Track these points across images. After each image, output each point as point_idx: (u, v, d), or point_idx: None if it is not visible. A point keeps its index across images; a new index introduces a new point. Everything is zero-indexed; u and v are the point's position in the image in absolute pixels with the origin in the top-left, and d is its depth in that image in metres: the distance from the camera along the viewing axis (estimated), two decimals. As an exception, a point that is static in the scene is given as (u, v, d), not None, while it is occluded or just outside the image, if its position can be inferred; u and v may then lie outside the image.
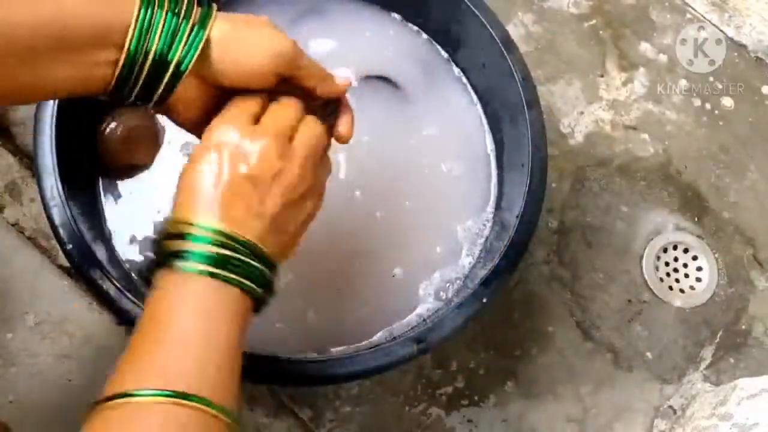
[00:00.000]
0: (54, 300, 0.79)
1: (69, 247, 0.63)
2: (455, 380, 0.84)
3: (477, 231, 0.78)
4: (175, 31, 0.46)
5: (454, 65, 0.83)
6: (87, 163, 0.73)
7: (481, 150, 0.81)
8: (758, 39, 1.06)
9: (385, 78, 0.81)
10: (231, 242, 0.46)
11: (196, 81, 0.49)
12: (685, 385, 0.88)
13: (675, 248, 0.94)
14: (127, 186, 0.74)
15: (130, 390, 0.41)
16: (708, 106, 1.01)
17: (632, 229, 0.94)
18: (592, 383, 0.87)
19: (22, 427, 0.73)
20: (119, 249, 0.72)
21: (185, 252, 0.46)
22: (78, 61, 0.44)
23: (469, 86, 0.83)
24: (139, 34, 0.45)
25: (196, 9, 0.47)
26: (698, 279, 0.93)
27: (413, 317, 0.74)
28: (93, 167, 0.73)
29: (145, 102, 0.49)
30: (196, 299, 0.46)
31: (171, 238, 0.47)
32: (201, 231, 0.46)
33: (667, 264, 0.93)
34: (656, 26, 1.04)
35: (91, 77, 0.46)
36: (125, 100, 0.49)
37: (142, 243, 0.72)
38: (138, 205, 0.74)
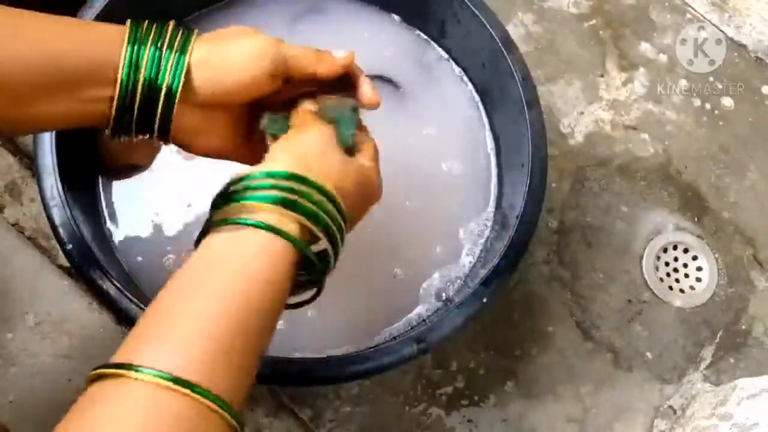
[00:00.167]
0: (54, 300, 0.79)
1: (69, 247, 0.63)
2: (455, 380, 0.84)
3: (477, 231, 0.78)
4: (160, 62, 0.48)
5: (454, 65, 0.83)
6: (87, 163, 0.73)
7: (481, 150, 0.82)
8: (758, 39, 1.06)
9: (385, 78, 0.81)
10: (302, 185, 0.45)
11: (196, 108, 0.50)
12: (685, 385, 0.88)
13: (675, 248, 0.94)
14: (127, 186, 0.74)
15: (134, 362, 0.38)
16: (708, 106, 1.01)
17: (632, 229, 0.94)
18: (592, 383, 0.87)
19: (22, 428, 0.73)
20: (119, 249, 0.72)
21: (243, 194, 0.44)
22: (74, 98, 0.46)
23: (469, 86, 0.83)
24: (129, 68, 0.47)
25: (179, 36, 0.49)
26: (698, 279, 0.93)
27: (413, 317, 0.74)
28: (93, 167, 0.73)
29: (148, 133, 0.51)
30: (240, 261, 0.43)
31: (233, 185, 0.46)
32: (267, 176, 0.45)
33: (667, 264, 0.93)
34: (656, 26, 1.04)
35: (88, 113, 0.47)
36: (128, 133, 0.50)
37: (143, 243, 0.73)
38: (138, 205, 0.74)
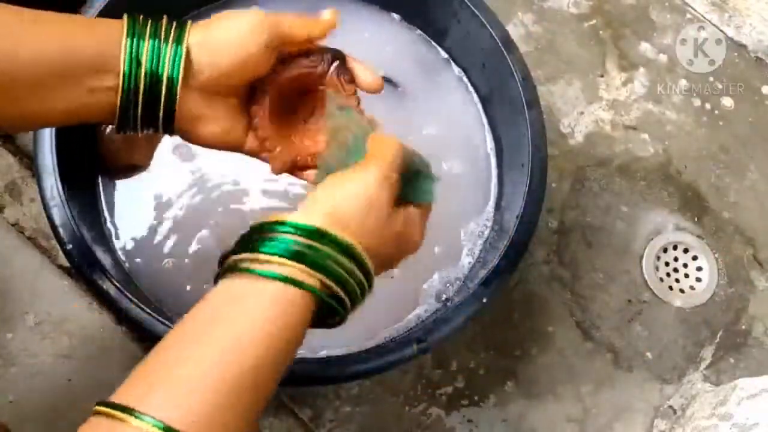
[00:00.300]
0: (54, 300, 0.79)
1: (69, 247, 0.63)
2: (455, 380, 0.84)
3: (477, 231, 0.78)
4: (159, 53, 0.49)
5: (454, 65, 0.83)
6: (87, 163, 0.73)
7: (481, 150, 0.81)
8: (758, 39, 1.06)
9: (385, 78, 0.81)
10: (321, 238, 0.46)
11: (198, 94, 0.51)
12: (685, 385, 0.88)
13: (675, 248, 0.94)
14: (127, 186, 0.74)
15: (133, 407, 0.39)
16: (708, 106, 1.01)
17: (632, 229, 0.94)
18: (592, 383, 0.87)
19: (22, 427, 0.73)
20: (119, 249, 0.72)
21: (260, 243, 0.45)
22: (81, 90, 0.48)
23: (469, 86, 0.83)
24: (130, 59, 0.49)
25: (174, 28, 0.50)
26: (698, 279, 0.93)
27: (413, 317, 0.74)
28: (93, 167, 0.73)
29: (153, 127, 0.52)
30: (251, 313, 0.44)
31: (256, 231, 0.47)
32: (291, 228, 0.46)
33: (667, 264, 0.93)
34: (656, 26, 1.04)
35: (94, 104, 0.49)
36: (133, 126, 0.51)
37: (142, 243, 0.73)
38: (138, 206, 0.74)
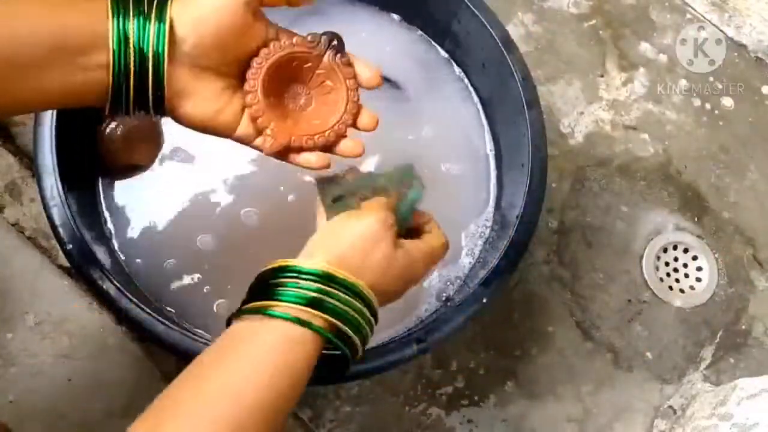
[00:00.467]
0: (54, 300, 0.79)
1: (69, 247, 0.63)
2: (455, 380, 0.84)
3: (477, 231, 0.78)
4: (144, 29, 0.50)
5: (454, 65, 0.83)
6: (87, 163, 0.73)
7: (481, 150, 0.81)
8: (758, 39, 1.06)
9: (385, 78, 0.81)
10: (333, 284, 0.49)
11: (186, 69, 0.51)
12: (685, 385, 0.88)
13: (675, 248, 0.94)
14: (127, 186, 0.74)
15: None
16: (708, 106, 1.01)
17: (632, 229, 0.94)
18: (592, 383, 0.87)
19: (22, 427, 0.73)
20: (119, 249, 0.72)
21: (274, 291, 0.48)
22: (73, 68, 0.48)
23: (470, 86, 0.83)
24: (118, 37, 0.49)
25: (156, 3, 0.51)
26: (698, 279, 0.93)
27: (413, 317, 0.74)
28: (93, 167, 0.73)
29: (144, 105, 0.52)
30: (260, 347, 0.46)
31: (264, 280, 0.49)
32: (298, 274, 0.48)
33: (667, 264, 0.93)
34: (656, 26, 1.04)
35: (87, 82, 0.49)
36: (126, 107, 0.51)
37: (142, 243, 0.73)
38: (138, 206, 0.74)
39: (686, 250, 0.94)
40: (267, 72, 0.54)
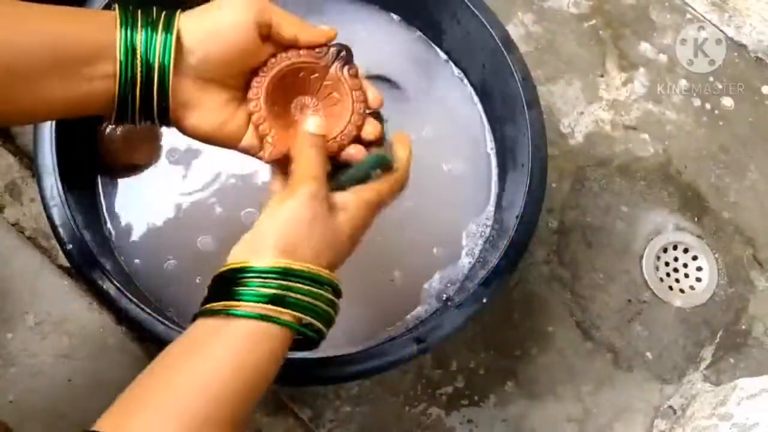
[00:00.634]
0: (54, 300, 0.79)
1: (69, 247, 0.63)
2: (455, 380, 0.84)
3: (477, 231, 0.78)
4: (151, 40, 0.49)
5: (454, 65, 0.83)
6: (87, 163, 0.73)
7: (482, 150, 0.81)
8: (758, 39, 1.06)
9: (386, 78, 0.81)
10: (291, 276, 0.48)
11: (192, 81, 0.51)
12: (685, 385, 0.88)
13: (675, 248, 0.94)
14: (127, 186, 0.74)
15: None
16: (708, 106, 1.01)
17: (632, 229, 0.94)
18: (592, 383, 0.87)
19: (22, 427, 0.73)
20: (119, 249, 0.72)
21: (234, 292, 0.47)
22: (78, 78, 0.48)
23: (469, 86, 0.83)
24: (126, 48, 0.49)
25: (164, 15, 0.50)
26: (698, 279, 0.93)
27: (413, 317, 0.74)
28: (93, 167, 0.73)
29: (150, 115, 0.51)
30: (226, 341, 0.46)
31: (223, 281, 0.49)
32: (255, 274, 0.48)
33: (667, 264, 0.93)
34: (656, 26, 1.04)
35: (92, 93, 0.49)
36: (131, 116, 0.51)
37: (142, 243, 0.72)
38: (138, 206, 0.74)
39: (686, 250, 0.94)
40: (272, 81, 0.54)
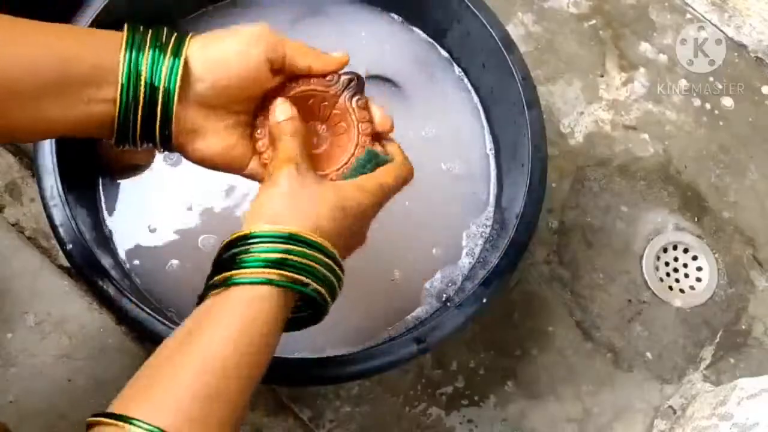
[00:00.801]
0: (54, 300, 0.79)
1: (69, 247, 0.63)
2: (455, 380, 0.84)
3: (477, 231, 0.78)
4: (158, 63, 0.48)
5: (454, 65, 0.83)
6: (87, 163, 0.73)
7: (481, 150, 0.81)
8: (758, 39, 1.06)
9: (386, 78, 0.81)
10: (293, 242, 0.47)
11: (198, 108, 0.50)
12: (685, 385, 0.88)
13: (675, 248, 0.94)
14: (127, 186, 0.74)
15: (129, 415, 0.41)
16: (708, 106, 1.01)
17: (632, 229, 0.94)
18: (592, 383, 0.87)
19: (22, 427, 0.73)
20: (119, 249, 0.72)
21: (239, 259, 0.47)
22: (77, 101, 0.47)
23: (469, 86, 0.83)
24: (129, 70, 0.48)
25: (174, 40, 0.50)
26: (698, 279, 0.93)
27: (413, 317, 0.74)
28: (93, 167, 0.73)
29: (151, 141, 0.51)
30: (230, 311, 0.46)
31: (225, 251, 0.48)
32: (258, 237, 0.47)
33: (667, 264, 0.93)
34: (656, 26, 1.04)
35: (92, 116, 0.48)
36: (132, 140, 0.51)
37: (142, 243, 0.72)
38: (138, 206, 0.74)
39: (686, 250, 0.94)
40: None
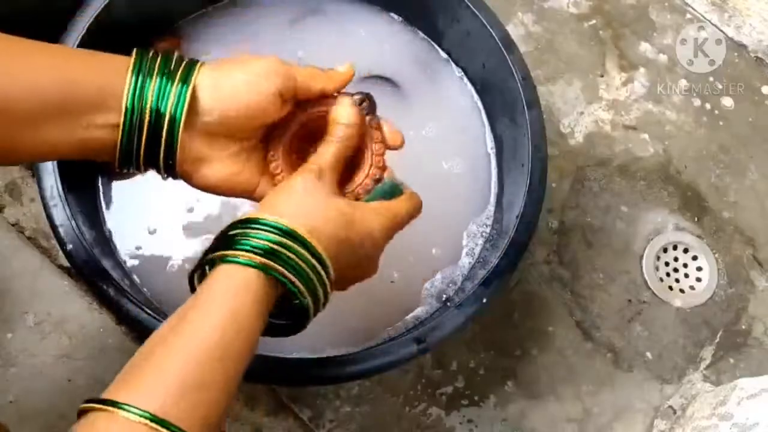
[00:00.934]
0: (54, 300, 0.79)
1: (69, 247, 0.63)
2: (455, 380, 0.84)
3: (477, 231, 0.78)
4: (164, 90, 0.48)
5: (454, 65, 0.83)
6: (87, 163, 0.72)
7: (481, 150, 0.81)
8: (758, 39, 1.06)
9: (386, 78, 0.81)
10: (287, 236, 0.46)
11: (205, 137, 0.50)
12: (685, 385, 0.88)
13: (675, 248, 0.94)
14: (127, 186, 0.74)
15: (120, 401, 0.40)
16: (708, 106, 1.01)
17: (632, 229, 0.94)
18: (592, 383, 0.87)
19: (22, 427, 0.73)
20: (119, 249, 0.72)
21: (236, 240, 0.46)
22: (78, 125, 0.46)
23: (469, 86, 0.83)
24: (133, 95, 0.47)
25: (183, 66, 0.49)
26: (698, 279, 0.93)
27: (413, 317, 0.74)
28: (93, 167, 0.73)
29: (155, 164, 0.50)
30: (222, 301, 0.44)
31: (228, 230, 0.47)
32: (261, 224, 0.46)
33: (667, 264, 0.93)
34: (656, 26, 1.04)
35: (93, 140, 0.47)
36: (135, 165, 0.50)
37: (142, 243, 0.72)
38: (138, 206, 0.74)
39: (686, 250, 0.94)
40: (294, 135, 0.53)
